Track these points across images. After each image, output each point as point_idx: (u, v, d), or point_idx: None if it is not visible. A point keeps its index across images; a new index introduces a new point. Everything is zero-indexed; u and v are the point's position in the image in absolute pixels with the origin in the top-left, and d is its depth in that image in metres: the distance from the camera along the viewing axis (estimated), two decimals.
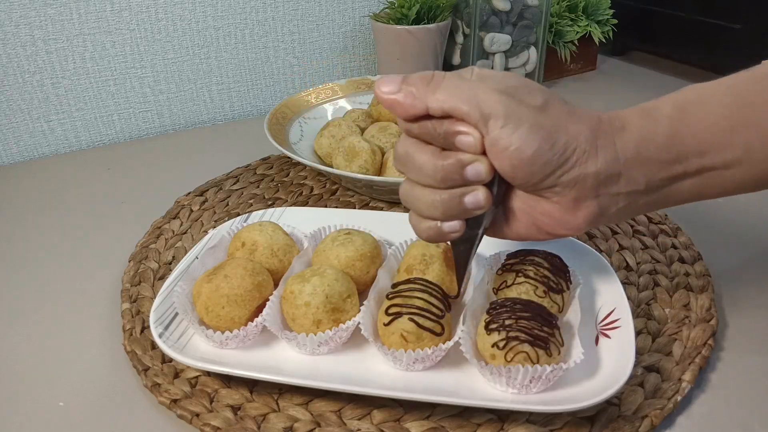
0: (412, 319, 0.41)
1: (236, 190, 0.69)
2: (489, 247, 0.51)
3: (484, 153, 0.37)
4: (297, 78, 0.96)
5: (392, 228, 0.54)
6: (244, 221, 0.56)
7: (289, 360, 0.43)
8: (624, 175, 0.38)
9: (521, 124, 0.36)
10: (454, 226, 0.39)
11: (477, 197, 0.38)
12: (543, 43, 0.90)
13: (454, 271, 0.46)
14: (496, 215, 0.41)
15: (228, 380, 0.43)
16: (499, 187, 0.39)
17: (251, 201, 0.67)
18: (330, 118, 0.78)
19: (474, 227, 0.40)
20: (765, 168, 0.39)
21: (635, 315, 0.48)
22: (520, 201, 0.40)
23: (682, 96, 0.40)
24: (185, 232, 0.61)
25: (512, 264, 0.46)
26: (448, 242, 0.44)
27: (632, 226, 0.60)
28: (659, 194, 0.39)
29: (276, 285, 0.47)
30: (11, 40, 0.75)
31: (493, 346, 0.39)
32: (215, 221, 0.63)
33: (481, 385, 0.40)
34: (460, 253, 0.43)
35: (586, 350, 0.40)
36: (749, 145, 0.38)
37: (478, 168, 0.37)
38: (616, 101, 0.93)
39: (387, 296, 0.43)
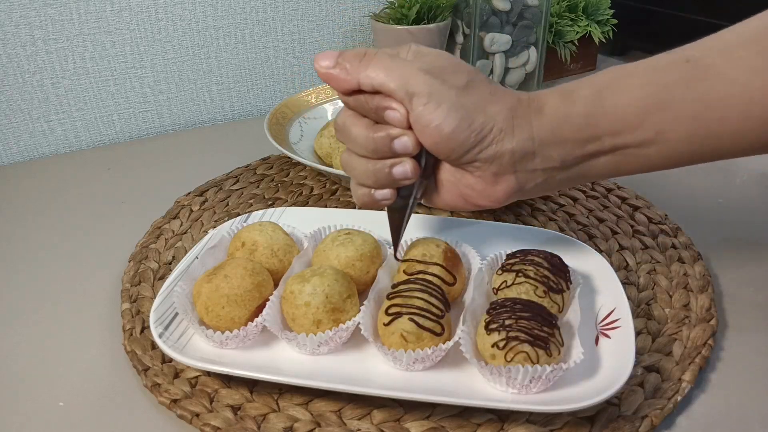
0: (412, 319, 0.41)
1: (236, 190, 0.69)
2: (489, 246, 0.51)
3: (411, 128, 0.40)
4: (297, 78, 0.96)
5: None
6: (244, 221, 0.56)
7: (289, 360, 0.43)
8: (539, 154, 0.40)
9: (442, 103, 0.39)
10: (385, 194, 0.43)
11: (405, 168, 0.41)
12: (543, 43, 0.90)
13: (454, 272, 0.46)
14: (428, 185, 0.44)
15: (228, 380, 0.43)
16: (428, 159, 0.42)
17: (251, 201, 0.67)
18: (330, 118, 0.78)
19: (405, 196, 0.44)
20: (678, 148, 0.40)
21: (635, 315, 0.48)
22: (448, 173, 0.43)
23: (602, 78, 0.41)
24: (185, 232, 0.61)
25: (512, 264, 0.46)
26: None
27: (632, 226, 0.60)
28: (575, 170, 0.42)
29: (276, 285, 0.47)
30: (11, 40, 0.75)
31: (493, 346, 0.39)
32: (215, 221, 0.63)
33: (481, 385, 0.41)
34: (394, 220, 0.46)
35: (586, 350, 0.40)
36: (662, 127, 0.39)
37: (405, 141, 0.41)
38: None
39: (387, 296, 0.43)
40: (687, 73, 0.39)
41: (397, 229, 0.46)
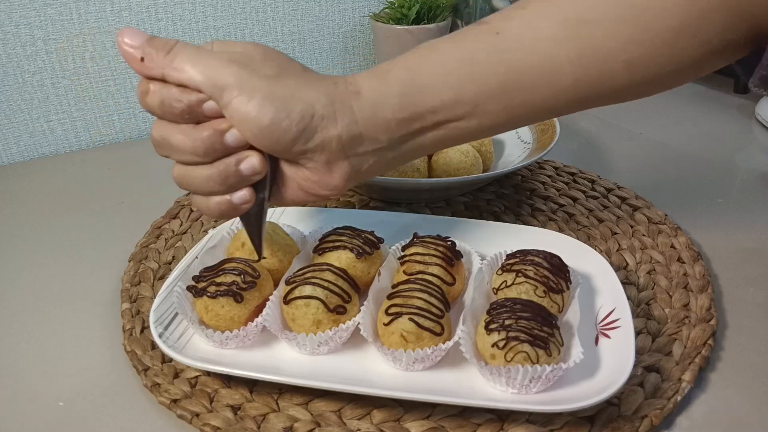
0: (412, 319, 0.41)
1: None
2: (489, 246, 0.51)
3: None
4: None
5: (392, 228, 0.54)
6: None
7: (289, 360, 0.43)
8: (365, 136, 0.40)
9: (254, 94, 0.37)
10: (243, 195, 0.40)
11: (252, 162, 0.39)
12: None
13: (453, 272, 0.46)
14: (272, 184, 0.42)
15: (228, 380, 0.43)
16: (269, 168, 0.40)
17: None
18: None
19: (261, 190, 0.41)
20: (495, 117, 0.42)
21: (635, 315, 0.48)
22: (285, 169, 0.41)
23: (414, 56, 0.42)
24: (185, 232, 0.61)
25: (512, 264, 0.46)
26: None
27: (632, 226, 0.60)
28: (406, 147, 0.42)
29: (276, 285, 0.47)
30: (11, 40, 0.75)
31: (493, 346, 0.39)
32: (215, 221, 0.63)
33: (481, 385, 0.41)
34: (251, 219, 0.43)
35: (585, 350, 0.40)
36: (477, 100, 0.40)
37: (235, 134, 0.38)
38: None
39: (387, 296, 0.43)
40: (496, 45, 0.41)
41: (258, 230, 0.43)
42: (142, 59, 0.38)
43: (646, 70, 0.41)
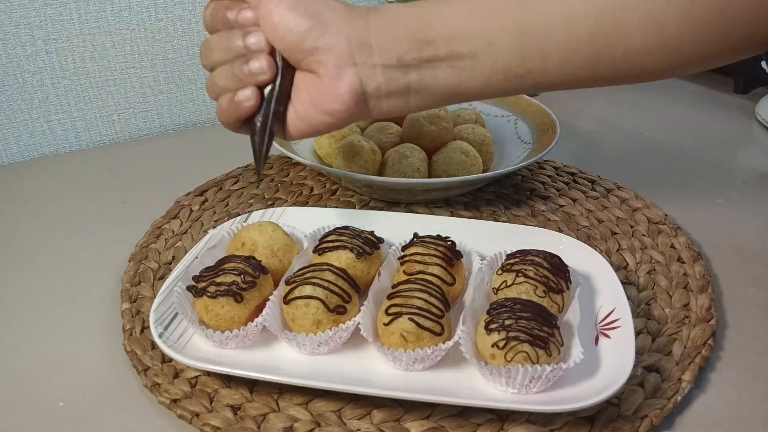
0: (412, 319, 0.41)
1: (236, 190, 0.69)
2: (489, 246, 0.51)
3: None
4: None
5: (392, 228, 0.54)
6: (244, 221, 0.56)
7: (289, 360, 0.43)
8: (375, 46, 0.42)
9: None
10: (247, 94, 0.44)
11: (260, 62, 0.43)
12: None
13: (453, 272, 0.46)
14: (282, 112, 0.45)
15: (228, 380, 0.43)
16: (284, 77, 0.44)
17: (251, 201, 0.67)
18: None
19: (269, 101, 0.44)
20: (510, 64, 0.42)
21: (635, 315, 0.48)
22: (298, 80, 0.44)
23: None
24: (185, 232, 0.61)
25: (512, 264, 0.46)
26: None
27: (632, 226, 0.60)
28: (415, 76, 0.43)
29: (276, 285, 0.47)
30: (11, 40, 0.75)
31: (493, 346, 0.39)
32: (215, 221, 0.63)
33: (481, 385, 0.41)
34: (256, 131, 0.45)
35: (586, 350, 0.40)
36: (492, 37, 0.41)
37: (257, 36, 0.43)
38: (615, 100, 0.93)
39: (387, 296, 0.43)
40: None
41: (260, 149, 0.46)
42: None
43: (663, 34, 0.40)
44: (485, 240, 0.52)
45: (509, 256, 0.48)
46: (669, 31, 0.40)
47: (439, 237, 0.49)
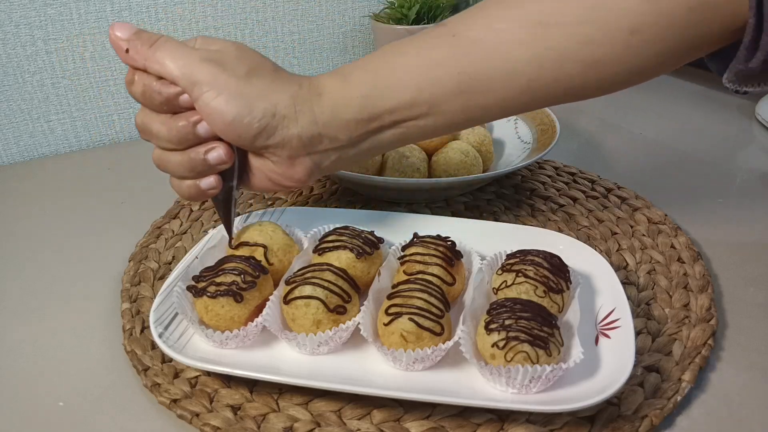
0: (412, 319, 0.41)
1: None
2: (489, 246, 0.51)
3: None
4: None
5: (392, 228, 0.54)
6: (244, 221, 0.56)
7: (289, 360, 0.43)
8: (325, 135, 0.43)
9: (222, 91, 0.40)
10: (210, 182, 0.44)
11: (219, 153, 0.43)
12: None
13: (453, 272, 0.46)
14: (242, 172, 0.46)
15: (228, 380, 0.43)
16: (238, 156, 0.44)
17: (251, 201, 0.67)
18: None
19: (229, 179, 0.45)
20: (451, 117, 0.43)
21: (635, 315, 0.48)
22: (253, 160, 0.45)
23: (376, 59, 0.44)
24: (185, 232, 0.61)
25: (512, 264, 0.46)
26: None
27: (632, 226, 0.60)
28: (365, 145, 0.44)
29: (276, 285, 0.47)
30: (11, 40, 0.75)
31: (493, 346, 0.39)
32: (215, 221, 0.63)
33: (481, 385, 0.41)
34: (221, 204, 0.47)
35: (586, 350, 0.40)
36: (435, 101, 0.42)
37: (206, 126, 0.42)
38: (615, 100, 0.93)
39: (387, 296, 0.43)
40: (453, 48, 0.42)
41: (227, 214, 0.48)
42: (128, 50, 0.41)
43: (603, 69, 0.42)
44: (485, 240, 0.52)
45: (509, 256, 0.48)
46: (609, 69, 0.42)
47: (439, 237, 0.49)
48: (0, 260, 0.59)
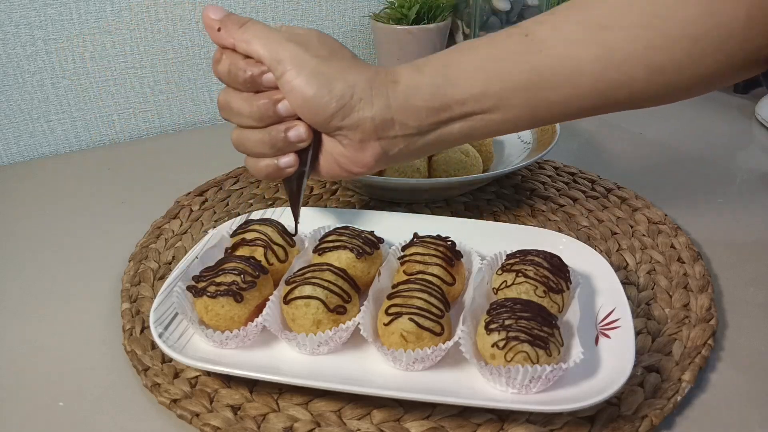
0: (412, 319, 0.41)
1: (236, 190, 0.69)
2: (489, 246, 0.51)
3: None
4: None
5: (392, 228, 0.54)
6: (244, 221, 0.56)
7: (289, 360, 0.43)
8: (397, 121, 0.44)
9: (303, 70, 0.43)
10: (289, 160, 0.46)
11: (299, 131, 0.45)
12: None
13: (453, 272, 0.46)
14: (313, 159, 0.47)
15: (228, 380, 0.43)
16: (314, 138, 0.46)
17: (251, 201, 0.67)
18: None
19: (303, 164, 0.46)
20: (519, 113, 0.45)
21: (635, 315, 0.48)
22: (325, 142, 0.46)
23: (450, 52, 0.46)
24: (185, 232, 0.61)
25: (512, 264, 0.46)
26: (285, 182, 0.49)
27: (632, 226, 0.60)
28: (433, 136, 0.46)
29: (276, 285, 0.47)
30: (11, 40, 0.75)
31: (493, 346, 0.39)
32: (215, 221, 0.63)
33: (481, 385, 0.41)
34: (293, 189, 0.48)
35: (586, 350, 0.40)
36: (502, 95, 0.44)
37: (286, 104, 0.44)
38: None
39: (387, 296, 0.43)
40: (522, 46, 0.44)
41: (297, 199, 0.48)
42: (219, 29, 0.44)
43: (665, 75, 0.43)
44: (485, 240, 0.52)
45: (509, 256, 0.48)
46: (671, 75, 0.43)
47: (439, 237, 0.49)
48: (0, 260, 0.59)
